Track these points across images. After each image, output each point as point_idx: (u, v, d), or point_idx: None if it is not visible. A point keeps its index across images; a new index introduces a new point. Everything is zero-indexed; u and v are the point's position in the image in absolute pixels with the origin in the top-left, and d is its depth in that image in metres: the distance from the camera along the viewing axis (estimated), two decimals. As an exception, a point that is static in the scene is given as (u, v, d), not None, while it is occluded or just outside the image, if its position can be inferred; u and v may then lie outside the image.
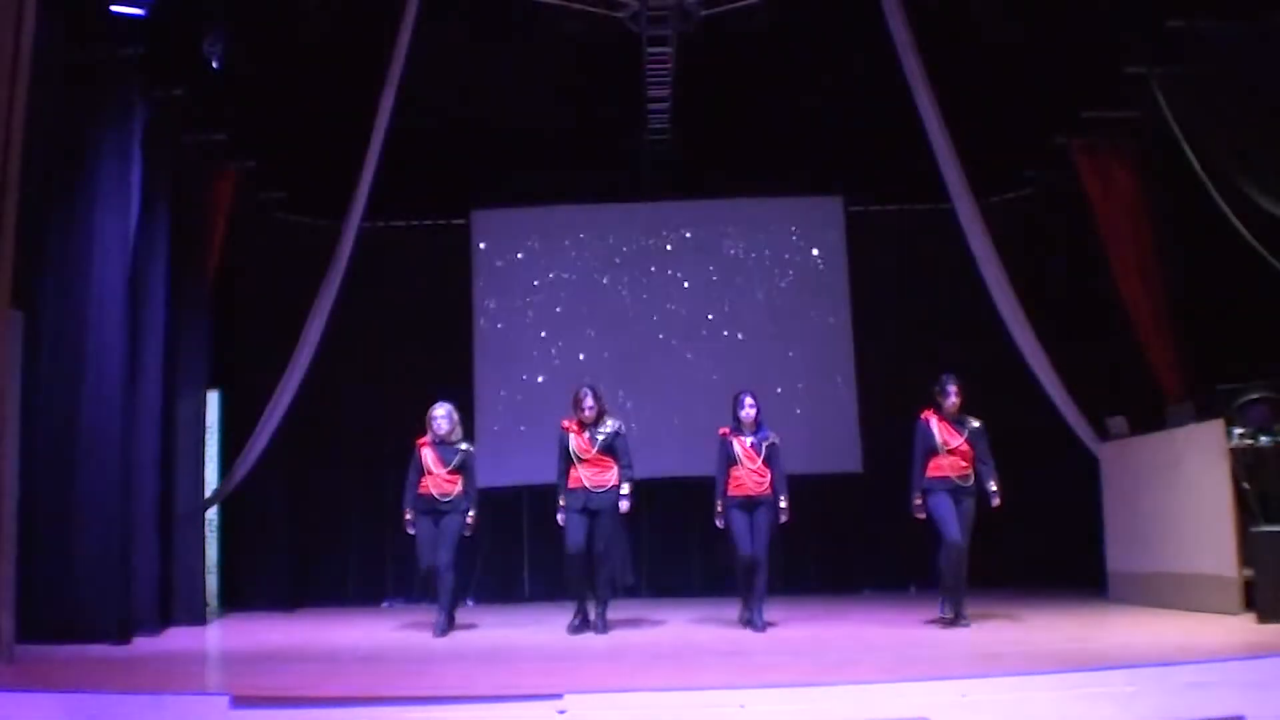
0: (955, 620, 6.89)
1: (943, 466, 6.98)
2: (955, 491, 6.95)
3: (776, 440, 7.23)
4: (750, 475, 7.11)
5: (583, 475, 7.15)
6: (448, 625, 7.25)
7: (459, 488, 7.29)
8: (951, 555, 6.86)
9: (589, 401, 7.22)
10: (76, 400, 6.85)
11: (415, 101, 8.44)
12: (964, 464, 7.00)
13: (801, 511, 10.08)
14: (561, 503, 7.20)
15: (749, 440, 7.17)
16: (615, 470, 7.21)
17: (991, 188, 9.41)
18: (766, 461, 7.13)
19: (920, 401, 7.33)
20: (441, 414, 7.39)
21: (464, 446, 7.43)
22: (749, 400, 7.25)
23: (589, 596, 7.19)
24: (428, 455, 7.32)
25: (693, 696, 4.38)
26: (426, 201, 10.67)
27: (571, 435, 7.23)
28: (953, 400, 7.05)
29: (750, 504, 7.12)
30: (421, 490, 7.29)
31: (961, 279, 8.98)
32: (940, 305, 10.40)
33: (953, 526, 6.86)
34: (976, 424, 7.11)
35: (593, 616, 7.19)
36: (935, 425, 7.04)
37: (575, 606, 7.22)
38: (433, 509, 7.27)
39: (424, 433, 7.43)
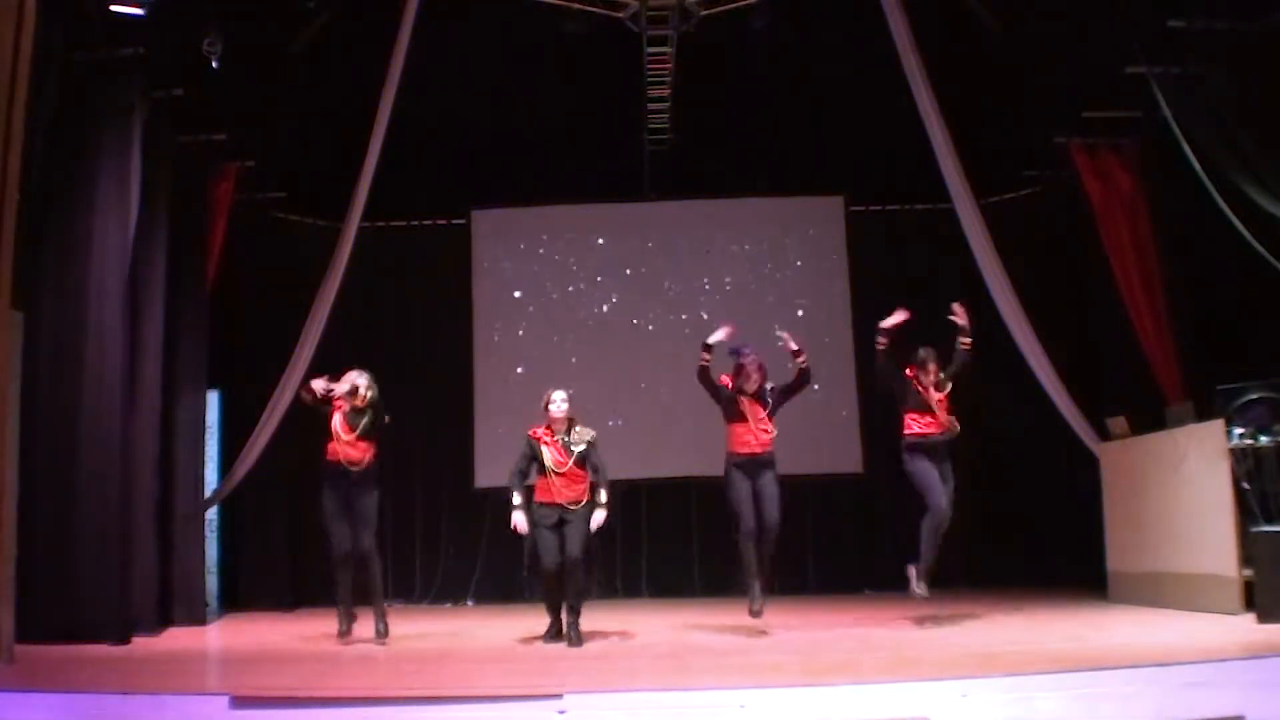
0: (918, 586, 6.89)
1: (921, 423, 6.97)
2: (935, 450, 6.94)
3: (773, 385, 6.95)
4: (757, 431, 6.78)
5: (555, 488, 6.67)
6: (388, 628, 6.73)
7: (369, 457, 6.77)
8: (937, 523, 6.84)
9: (560, 404, 6.73)
10: (76, 400, 6.84)
11: (415, 101, 8.44)
12: (944, 419, 6.99)
13: (801, 511, 10.18)
14: (517, 501, 6.66)
15: (757, 400, 6.83)
16: (587, 484, 6.74)
17: (991, 188, 9.41)
18: (773, 415, 6.83)
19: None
20: (362, 383, 6.82)
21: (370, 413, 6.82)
22: (754, 375, 6.86)
23: (562, 606, 6.76)
24: (336, 419, 6.75)
25: (693, 696, 4.38)
26: (426, 201, 10.67)
27: (544, 446, 6.72)
28: (931, 377, 7.07)
29: (755, 464, 6.77)
30: (330, 456, 6.73)
31: (961, 279, 8.97)
32: (940, 305, 10.38)
33: (938, 494, 6.83)
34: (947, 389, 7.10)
35: (564, 628, 6.71)
36: (917, 386, 7.03)
37: (551, 617, 6.88)
38: (343, 476, 6.69)
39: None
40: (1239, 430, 6.80)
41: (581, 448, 6.72)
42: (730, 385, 6.97)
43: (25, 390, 6.53)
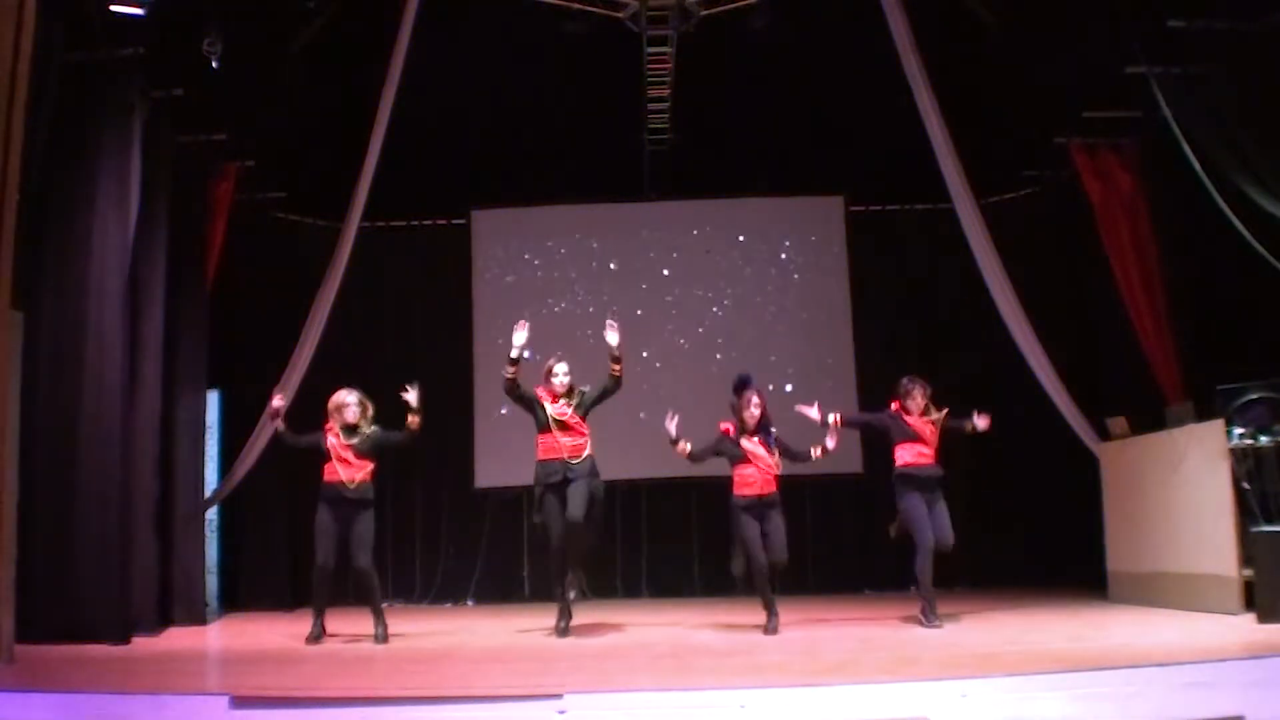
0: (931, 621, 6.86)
1: (911, 453, 7.06)
2: (927, 485, 7.01)
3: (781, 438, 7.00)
4: (763, 474, 6.83)
5: (561, 443, 6.81)
6: (386, 633, 6.79)
7: (368, 475, 6.88)
8: (928, 560, 6.92)
9: (563, 378, 6.88)
10: (76, 400, 6.84)
11: (415, 101, 8.44)
12: (932, 453, 7.09)
13: (801, 511, 10.17)
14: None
15: (757, 437, 6.88)
16: (589, 438, 6.90)
17: (991, 188, 9.41)
18: (780, 455, 6.88)
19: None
20: (353, 400, 6.94)
21: (370, 430, 6.96)
22: (754, 399, 6.89)
23: (572, 593, 6.88)
24: (332, 440, 6.89)
25: (693, 696, 4.37)
26: (426, 201, 10.67)
27: (547, 403, 6.88)
28: (918, 404, 7.15)
29: (761, 506, 6.83)
30: (328, 477, 6.84)
31: (961, 279, 8.98)
32: (940, 305, 10.41)
33: (926, 531, 6.91)
34: (941, 412, 7.18)
35: (573, 594, 6.88)
36: (905, 417, 7.14)
37: (560, 608, 6.92)
38: (339, 498, 6.80)
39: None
40: (1239, 430, 6.80)
41: (580, 403, 6.90)
42: (732, 430, 6.97)
43: (25, 390, 6.52)
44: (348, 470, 6.83)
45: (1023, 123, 9.41)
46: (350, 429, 6.92)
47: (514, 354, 6.84)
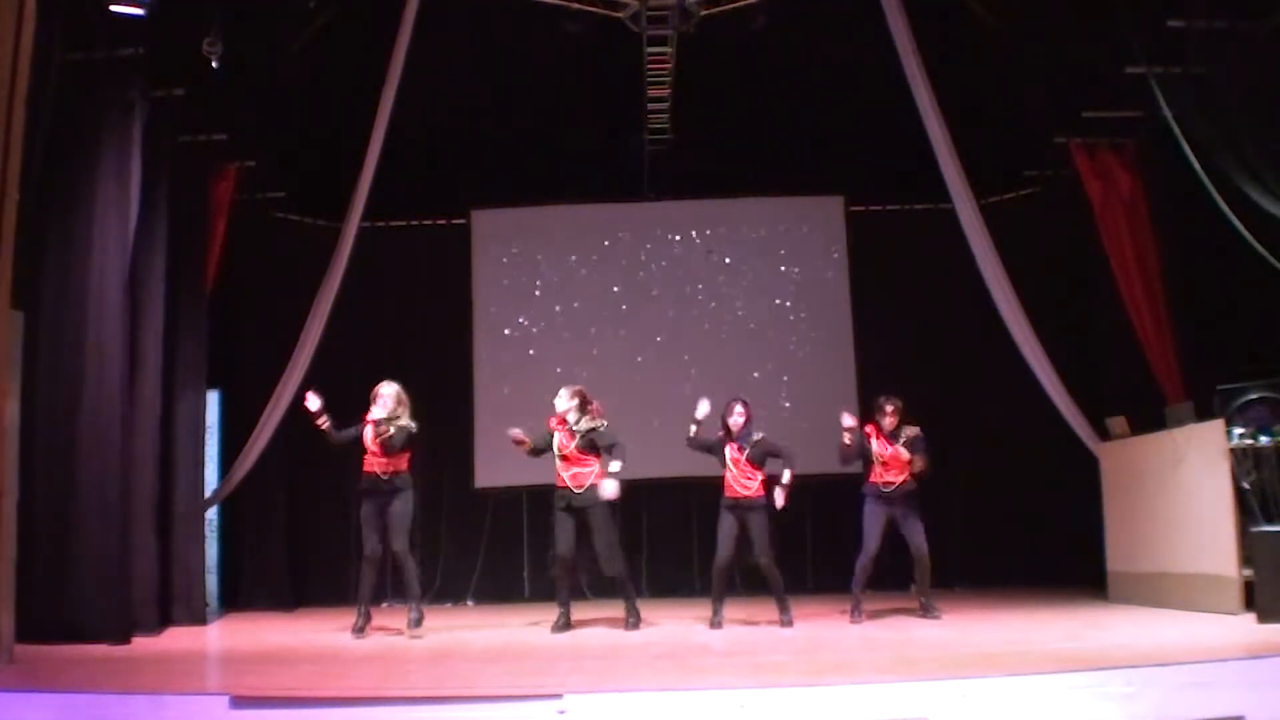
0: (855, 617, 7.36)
1: (877, 472, 7.51)
2: (887, 499, 7.45)
3: (763, 436, 7.39)
4: (737, 479, 7.24)
5: (564, 474, 7.24)
6: (421, 617, 7.08)
7: (403, 465, 7.19)
8: (867, 564, 7.46)
9: (560, 400, 7.31)
10: (76, 400, 6.84)
11: (415, 101, 8.43)
12: (897, 471, 7.47)
13: (801, 511, 10.16)
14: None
15: (736, 445, 7.32)
16: (594, 468, 7.24)
17: (991, 188, 9.41)
18: (753, 461, 7.26)
19: (917, 400, 7.50)
20: (389, 393, 7.21)
21: (402, 423, 7.18)
22: (738, 408, 7.37)
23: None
24: (368, 432, 7.17)
25: (693, 696, 4.38)
26: (426, 201, 10.67)
27: (556, 433, 7.30)
28: (888, 420, 7.56)
29: (740, 508, 7.23)
30: (366, 468, 7.17)
31: (961, 279, 8.98)
32: (940, 305, 10.40)
33: (872, 541, 7.43)
34: (913, 432, 7.53)
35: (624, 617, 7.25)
36: (875, 440, 7.57)
37: (560, 609, 7.27)
38: (375, 488, 7.13)
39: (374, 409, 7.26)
40: (1239, 430, 6.81)
41: (581, 434, 7.20)
42: (721, 437, 7.45)
43: (25, 390, 6.53)
44: (381, 463, 7.10)
45: (1023, 123, 9.41)
46: (383, 421, 7.10)
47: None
